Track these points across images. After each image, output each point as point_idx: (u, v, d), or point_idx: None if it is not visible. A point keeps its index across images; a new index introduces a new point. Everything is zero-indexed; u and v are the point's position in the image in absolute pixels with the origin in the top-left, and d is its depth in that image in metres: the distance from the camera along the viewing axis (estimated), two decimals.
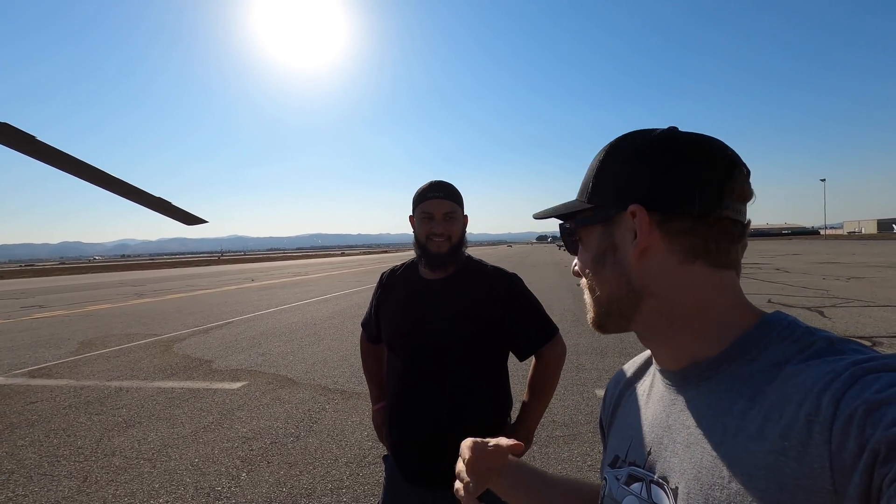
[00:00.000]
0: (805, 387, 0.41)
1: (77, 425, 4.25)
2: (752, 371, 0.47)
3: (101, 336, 8.76)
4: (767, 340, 0.48)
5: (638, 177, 0.54)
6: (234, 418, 4.31)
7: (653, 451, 0.55)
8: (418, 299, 1.49)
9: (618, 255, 0.56)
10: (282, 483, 3.11)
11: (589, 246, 0.59)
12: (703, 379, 0.51)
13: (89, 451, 3.69)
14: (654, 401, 0.59)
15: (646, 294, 0.54)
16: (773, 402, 0.43)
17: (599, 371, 5.31)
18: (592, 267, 0.58)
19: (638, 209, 0.53)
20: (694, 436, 0.50)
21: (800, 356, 0.45)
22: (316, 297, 14.47)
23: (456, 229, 1.46)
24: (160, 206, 3.76)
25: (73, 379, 5.83)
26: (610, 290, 0.57)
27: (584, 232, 0.60)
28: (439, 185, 1.47)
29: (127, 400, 4.93)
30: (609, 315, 0.58)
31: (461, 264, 1.50)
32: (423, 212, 1.46)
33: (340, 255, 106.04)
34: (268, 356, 6.68)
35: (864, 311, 8.32)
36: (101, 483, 3.19)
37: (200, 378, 5.68)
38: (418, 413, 1.43)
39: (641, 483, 0.55)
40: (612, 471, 0.61)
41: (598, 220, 0.57)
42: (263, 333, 8.45)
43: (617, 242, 0.56)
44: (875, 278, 13.75)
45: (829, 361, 0.42)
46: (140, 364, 6.48)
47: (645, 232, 0.52)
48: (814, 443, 0.38)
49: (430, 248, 1.44)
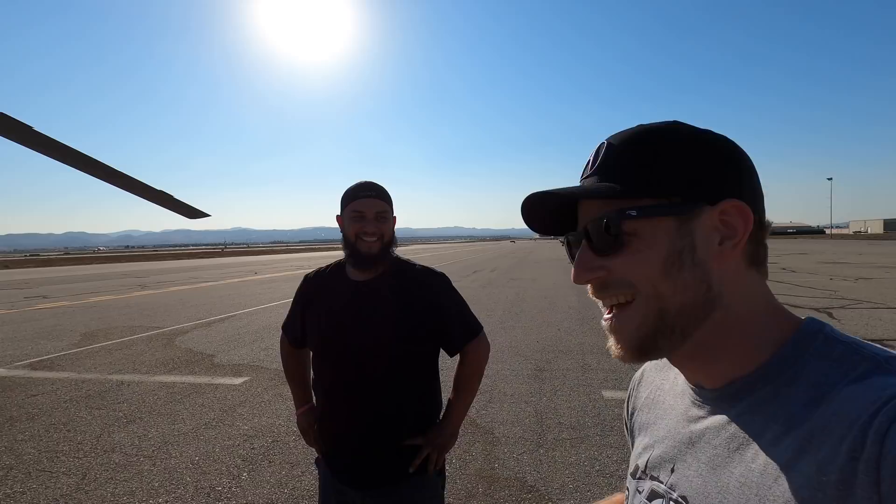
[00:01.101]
0: (849, 417, 0.38)
1: (77, 420, 4.21)
2: (787, 393, 0.44)
3: (104, 328, 8.74)
4: (806, 359, 0.45)
5: (720, 169, 0.49)
6: (236, 415, 4.25)
7: (676, 469, 0.52)
8: (346, 302, 1.48)
9: (696, 256, 0.48)
10: (283, 483, 3.05)
11: (652, 244, 0.48)
12: (736, 399, 0.48)
13: (89, 447, 3.65)
14: (678, 413, 0.56)
15: (718, 304, 0.48)
16: (812, 431, 0.40)
17: (606, 371, 5.23)
18: (662, 270, 0.48)
19: (739, 204, 0.48)
20: (721, 457, 0.47)
21: (843, 379, 0.41)
22: None
23: (387, 229, 1.46)
24: (162, 199, 3.69)
25: (74, 372, 5.79)
26: (683, 300, 0.48)
27: (645, 225, 0.48)
28: (371, 186, 1.46)
29: (128, 394, 4.88)
30: (665, 333, 0.48)
31: (389, 265, 1.50)
32: (353, 211, 1.44)
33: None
34: (270, 351, 6.62)
35: (874, 314, 8.21)
36: (101, 481, 3.14)
37: (202, 373, 5.64)
38: (348, 416, 1.44)
39: (663, 500, 0.53)
40: (635, 482, 0.58)
41: (675, 211, 0.48)
42: (266, 327, 8.40)
43: (696, 242, 0.48)
44: (884, 279, 13.60)
45: (876, 386, 0.38)
46: (142, 357, 6.44)
47: (743, 231, 0.48)
48: (859, 483, 0.35)
49: (360, 248, 1.43)
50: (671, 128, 0.51)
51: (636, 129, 0.52)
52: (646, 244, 0.48)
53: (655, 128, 0.51)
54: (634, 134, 0.51)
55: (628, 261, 0.49)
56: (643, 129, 0.52)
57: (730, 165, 0.50)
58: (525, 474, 3.12)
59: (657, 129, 0.51)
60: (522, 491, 2.93)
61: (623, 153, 0.51)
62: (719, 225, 0.48)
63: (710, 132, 0.51)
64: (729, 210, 0.48)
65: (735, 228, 0.48)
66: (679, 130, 0.51)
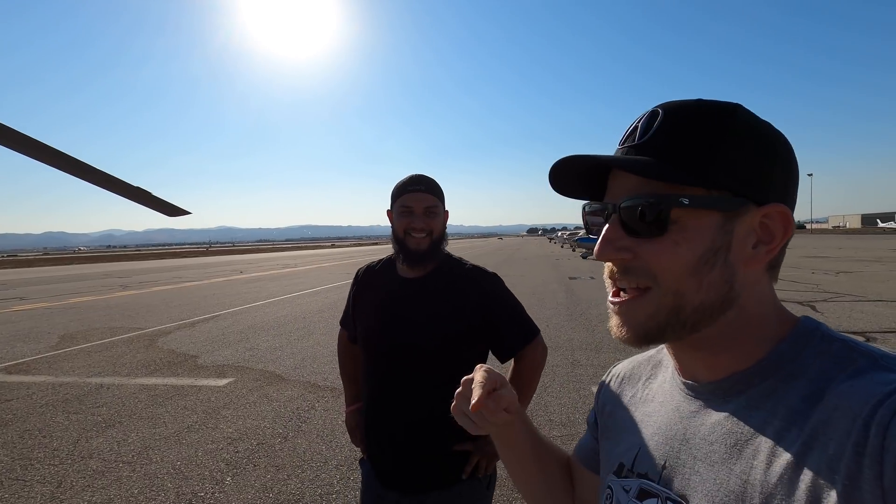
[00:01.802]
0: (851, 412, 0.38)
1: (53, 425, 4.06)
2: (787, 389, 0.43)
3: (83, 330, 8.50)
4: (804, 355, 0.45)
5: (774, 169, 0.47)
6: (220, 417, 4.14)
7: (668, 466, 0.51)
8: (395, 299, 1.43)
9: (729, 256, 0.46)
10: (268, 488, 2.97)
11: (693, 237, 0.45)
12: (732, 394, 0.47)
13: (65, 454, 3.51)
14: (667, 409, 0.54)
15: (734, 305, 0.47)
16: (816, 428, 0.39)
17: (595, 367, 5.22)
18: (693, 267, 0.45)
19: (784, 210, 0.46)
20: (719, 454, 0.46)
21: (842, 374, 0.41)
22: (306, 289, 14.28)
23: (437, 225, 1.39)
24: (139, 196, 3.57)
25: (51, 375, 5.62)
26: (703, 298, 0.46)
27: (691, 216, 0.45)
28: (420, 179, 1.40)
29: (107, 398, 4.74)
30: (675, 328, 0.47)
31: (440, 262, 1.44)
32: (402, 206, 1.39)
33: (331, 246, 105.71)
34: (255, 351, 6.50)
35: (856, 307, 8.34)
36: (77, 488, 3.02)
37: (185, 374, 5.50)
38: (394, 417, 1.38)
39: (657, 499, 0.50)
40: (619, 481, 0.56)
41: (725, 206, 0.45)
42: (251, 327, 8.26)
43: (733, 241, 0.46)
44: (863, 273, 13.88)
45: (874, 382, 0.39)
46: (122, 359, 6.27)
47: (781, 238, 0.46)
48: (865, 477, 0.35)
49: (408, 245, 1.38)
50: (734, 113, 0.47)
51: (695, 104, 0.48)
52: (685, 236, 0.45)
53: (717, 110, 0.47)
54: (694, 111, 0.47)
55: (661, 250, 0.46)
56: (704, 107, 0.47)
57: (784, 168, 0.48)
58: None
59: (720, 111, 0.47)
60: (514, 490, 2.88)
61: (679, 131, 0.47)
62: (758, 228, 0.47)
63: (771, 126, 0.48)
64: (773, 214, 0.46)
65: (773, 234, 0.47)
66: (743, 118, 0.47)
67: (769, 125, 0.48)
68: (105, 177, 2.95)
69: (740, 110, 0.47)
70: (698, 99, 0.48)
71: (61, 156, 2.52)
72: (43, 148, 2.32)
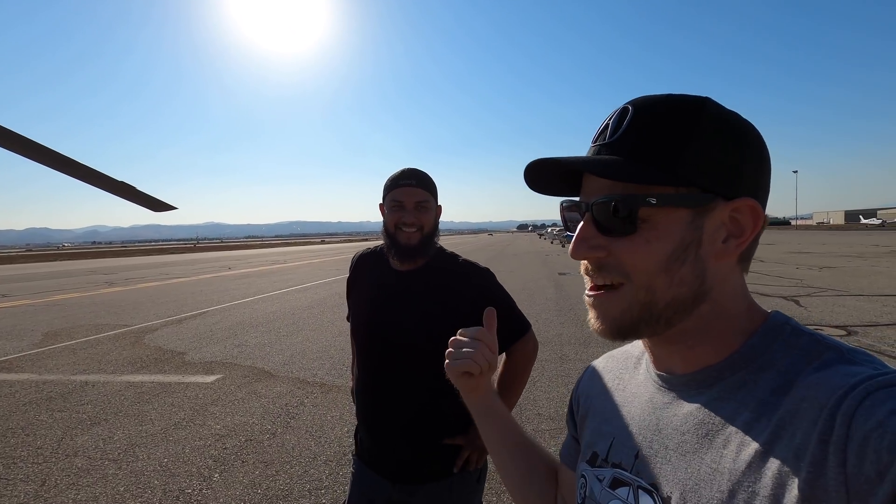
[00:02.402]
0: (818, 402, 0.39)
1: (37, 423, 4.00)
2: (756, 380, 0.45)
3: (68, 327, 8.38)
4: (773, 348, 0.46)
5: (744, 162, 0.47)
6: (207, 414, 4.12)
7: (640, 455, 0.52)
8: (386, 293, 1.43)
9: (700, 252, 0.47)
10: (257, 484, 2.96)
11: (663, 234, 0.46)
12: (704, 386, 0.48)
13: (49, 452, 3.47)
14: (642, 401, 0.55)
15: (707, 299, 0.48)
16: (784, 418, 0.41)
17: (584, 362, 5.27)
18: (665, 262, 0.46)
19: (753, 204, 0.46)
20: (690, 444, 0.47)
21: (809, 367, 0.42)
22: (295, 285, 14.19)
23: (428, 220, 1.39)
24: (124, 190, 3.51)
25: (34, 373, 5.53)
26: (675, 294, 0.47)
27: (661, 214, 0.46)
28: (411, 173, 1.39)
29: (92, 395, 4.68)
30: (649, 322, 0.48)
31: (433, 256, 1.44)
32: (393, 200, 1.38)
33: (320, 242, 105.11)
34: (244, 348, 6.46)
35: (838, 301, 8.50)
36: (62, 487, 2.98)
37: (172, 371, 5.45)
38: (384, 411, 1.39)
39: (629, 488, 0.51)
40: (593, 470, 0.57)
41: (693, 202, 0.46)
42: (240, 324, 8.19)
43: (703, 236, 0.47)
44: (846, 268, 14.13)
45: (840, 374, 0.40)
46: (108, 357, 6.20)
47: (751, 232, 0.47)
48: (829, 464, 0.36)
49: (399, 239, 1.38)
50: (703, 108, 0.47)
51: (664, 100, 0.48)
52: (655, 234, 0.46)
53: (686, 105, 0.47)
54: (663, 107, 0.47)
55: (632, 248, 0.47)
56: (673, 103, 0.47)
57: (754, 160, 0.48)
58: None
59: (688, 107, 0.47)
60: (502, 483, 2.91)
61: (648, 128, 0.47)
62: (727, 222, 0.47)
63: (740, 118, 0.48)
64: (742, 209, 0.47)
65: (743, 228, 0.47)
66: (711, 112, 0.47)
67: (738, 117, 0.48)
68: (89, 171, 2.90)
69: (709, 104, 0.47)
70: (667, 94, 0.48)
71: (43, 150, 2.47)
72: (24, 142, 2.28)
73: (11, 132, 2.18)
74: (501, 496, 2.78)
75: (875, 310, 7.60)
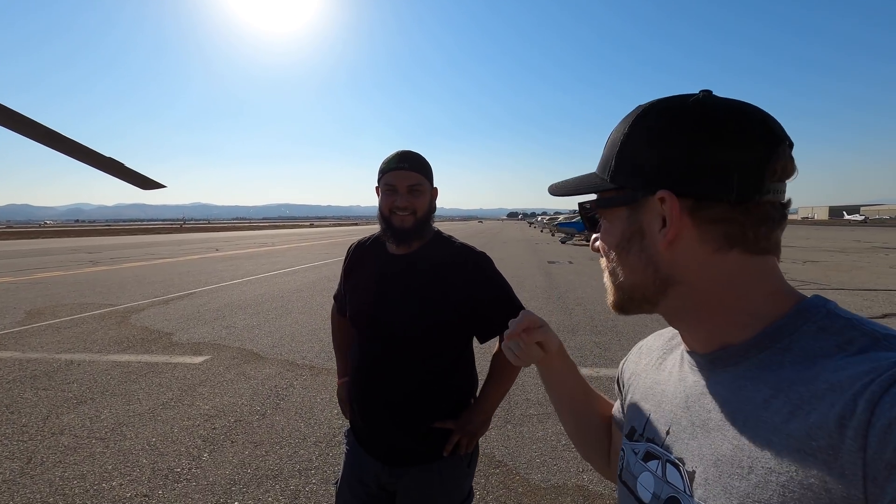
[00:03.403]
0: (840, 385, 0.39)
1: (22, 401, 3.96)
2: (781, 361, 0.45)
3: (51, 305, 8.24)
4: (803, 330, 0.46)
5: (668, 157, 0.49)
6: (196, 394, 4.10)
7: (671, 431, 0.54)
8: (383, 276, 1.43)
9: (644, 242, 0.53)
10: (246, 464, 2.97)
11: (612, 228, 0.56)
12: (729, 364, 0.49)
13: (35, 430, 3.44)
14: (675, 379, 0.58)
15: (674, 282, 0.52)
16: (803, 397, 0.41)
17: (571, 349, 5.32)
18: (616, 251, 0.56)
19: (667, 195, 0.49)
20: (714, 421, 0.48)
21: (839, 352, 0.42)
22: (284, 268, 14.10)
23: (421, 203, 1.38)
24: (111, 167, 3.43)
25: (18, 351, 5.45)
26: (634, 278, 0.54)
27: (608, 213, 0.57)
28: (404, 156, 1.38)
29: (78, 374, 4.63)
30: (632, 300, 0.56)
31: (428, 239, 1.44)
32: (386, 184, 1.38)
33: (309, 226, 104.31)
34: (232, 329, 6.42)
35: (820, 294, 8.69)
36: (48, 464, 2.96)
37: (159, 351, 5.41)
38: (378, 393, 1.39)
39: (658, 461, 0.54)
40: (630, 444, 0.60)
41: (622, 202, 0.54)
42: (228, 305, 8.14)
43: (644, 228, 0.52)
44: (828, 262, 14.42)
45: (870, 359, 0.39)
46: (93, 336, 6.12)
47: (674, 221, 0.49)
48: (846, 448, 0.36)
49: (393, 223, 1.38)
50: (643, 116, 0.53)
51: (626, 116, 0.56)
52: (607, 229, 0.57)
53: (630, 116, 0.54)
54: (624, 121, 0.55)
55: (603, 239, 0.59)
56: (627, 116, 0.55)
57: (671, 148, 0.49)
58: (493, 450, 3.15)
59: (630, 117, 0.54)
60: (490, 466, 2.95)
61: (611, 142, 0.56)
62: (661, 212, 0.50)
63: (692, 111, 0.49)
64: (664, 199, 0.50)
65: (669, 217, 0.50)
66: (646, 117, 0.52)
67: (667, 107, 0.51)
68: (75, 146, 2.82)
69: (650, 110, 0.52)
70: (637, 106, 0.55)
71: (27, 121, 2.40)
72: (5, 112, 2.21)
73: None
74: (490, 479, 2.82)
75: (856, 303, 7.78)
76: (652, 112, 0.51)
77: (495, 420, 3.52)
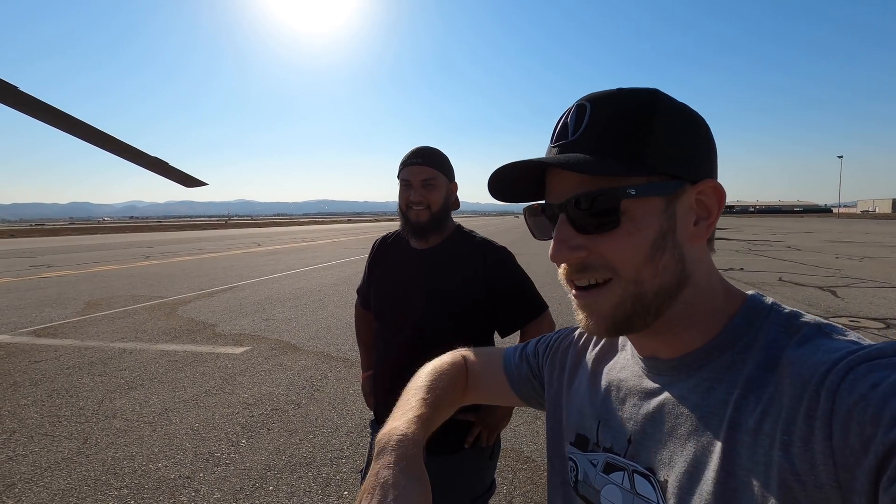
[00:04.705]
0: (803, 378, 0.39)
1: (80, 386, 4.25)
2: (745, 360, 0.45)
3: (107, 297, 8.79)
4: (756, 326, 0.46)
5: (699, 147, 0.49)
6: (236, 383, 4.29)
7: (634, 440, 0.52)
8: (405, 271, 1.46)
9: (676, 237, 0.47)
10: (281, 451, 3.09)
11: (643, 225, 0.46)
12: (693, 369, 0.48)
13: (90, 413, 3.69)
14: (628, 385, 0.55)
15: (689, 282, 0.48)
16: (772, 395, 0.41)
17: None
18: (648, 254, 0.46)
19: (717, 185, 0.48)
20: (685, 427, 0.47)
21: (791, 342, 0.43)
22: (321, 263, 14.46)
23: (436, 197, 1.39)
24: (156, 166, 3.61)
25: (77, 339, 5.85)
26: (661, 282, 0.47)
27: (637, 206, 0.46)
28: (418, 151, 1.40)
29: (130, 362, 4.92)
30: (641, 314, 0.47)
31: (449, 234, 1.45)
32: (402, 179, 1.41)
33: (347, 221, 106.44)
34: (271, 321, 6.66)
35: (878, 293, 8.14)
36: (101, 445, 3.18)
37: (203, 342, 5.68)
38: (402, 385, 1.41)
39: (623, 472, 0.52)
40: (585, 455, 0.58)
41: (664, 191, 0.47)
42: (268, 298, 8.43)
43: (677, 222, 0.47)
44: (890, 258, 13.46)
45: (822, 349, 0.40)
46: (144, 326, 6.49)
47: (717, 212, 0.48)
48: (816, 438, 0.37)
49: (409, 217, 1.40)
50: (656, 99, 0.48)
51: (617, 93, 0.48)
52: (636, 226, 0.46)
53: (640, 97, 0.48)
54: (619, 101, 0.48)
55: (615, 242, 0.46)
56: (627, 96, 0.48)
57: (706, 143, 0.50)
58: (522, 445, 3.14)
59: (643, 99, 0.48)
60: (519, 461, 2.95)
61: (610, 123, 0.47)
62: (695, 205, 0.48)
63: (685, 105, 0.50)
64: (706, 191, 0.48)
65: (710, 209, 0.48)
66: (664, 103, 0.48)
67: (684, 105, 0.50)
68: (124, 146, 2.98)
69: (660, 95, 0.48)
70: (619, 88, 0.49)
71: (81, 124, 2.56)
72: (65, 117, 2.36)
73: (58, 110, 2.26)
74: (518, 474, 2.82)
75: None
76: (665, 103, 0.48)
77: (525, 416, 3.51)
